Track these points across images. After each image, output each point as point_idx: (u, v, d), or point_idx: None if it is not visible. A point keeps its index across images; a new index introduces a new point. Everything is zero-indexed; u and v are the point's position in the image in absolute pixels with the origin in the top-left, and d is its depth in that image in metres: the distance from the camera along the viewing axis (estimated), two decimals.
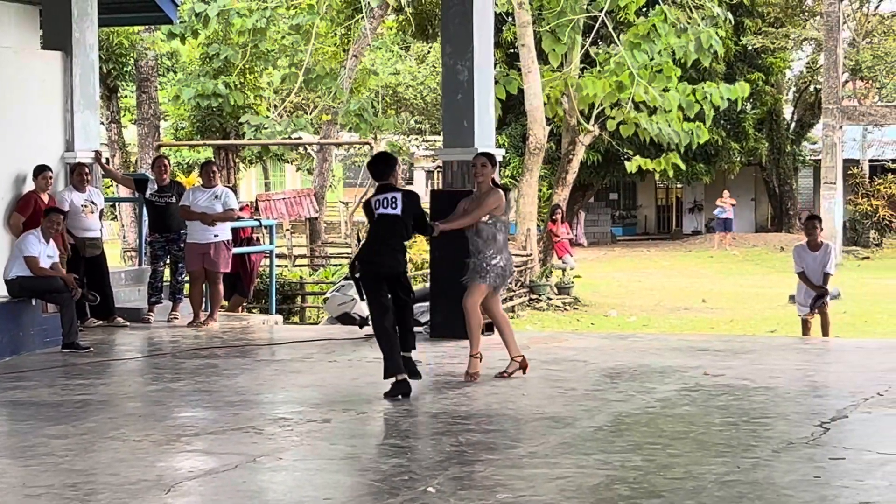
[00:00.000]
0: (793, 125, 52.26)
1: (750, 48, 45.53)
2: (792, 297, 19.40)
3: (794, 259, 16.01)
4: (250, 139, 29.69)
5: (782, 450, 8.30)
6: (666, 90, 26.23)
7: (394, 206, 10.69)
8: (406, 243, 11.34)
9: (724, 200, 45.78)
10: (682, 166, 30.08)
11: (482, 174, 11.22)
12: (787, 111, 52.63)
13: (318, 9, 26.13)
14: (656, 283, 33.43)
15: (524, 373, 11.34)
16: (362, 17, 29.11)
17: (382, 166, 10.94)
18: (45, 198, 14.62)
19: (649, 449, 8.38)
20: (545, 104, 29.26)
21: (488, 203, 11.12)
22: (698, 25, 26.34)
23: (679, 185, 51.56)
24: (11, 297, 13.18)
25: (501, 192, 11.34)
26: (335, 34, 31.82)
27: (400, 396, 10.39)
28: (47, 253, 13.36)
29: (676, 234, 52.18)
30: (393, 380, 10.46)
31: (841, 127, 39.71)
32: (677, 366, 11.92)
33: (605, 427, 9.17)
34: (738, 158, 46.25)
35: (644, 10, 28.10)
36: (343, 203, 48.23)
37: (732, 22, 30.18)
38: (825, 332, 15.76)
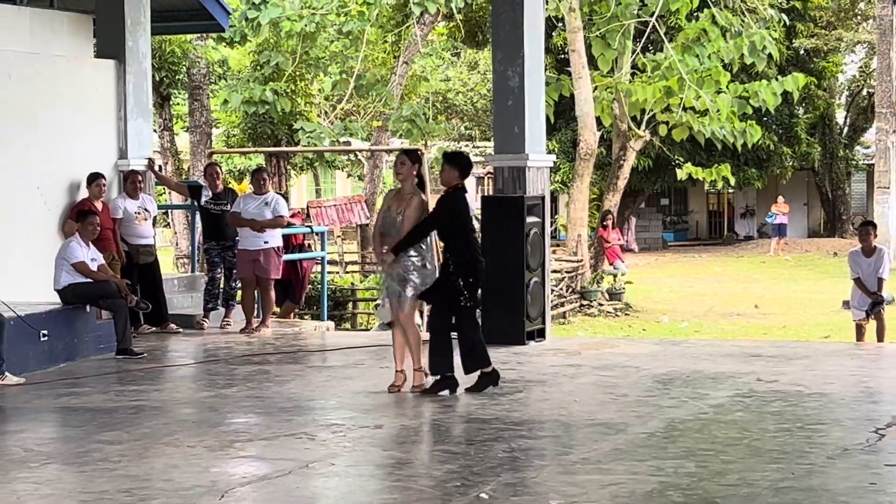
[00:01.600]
0: (845, 129, 51.94)
1: (802, 52, 45.27)
2: (846, 303, 19.26)
3: (849, 265, 15.90)
4: (305, 145, 29.77)
5: (837, 456, 8.24)
6: (719, 92, 26.12)
7: None
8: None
9: (779, 206, 45.54)
10: (732, 180, 29.97)
11: (402, 172, 10.85)
12: (840, 115, 52.32)
13: (369, 15, 26.18)
14: (708, 289, 33.28)
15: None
16: (412, 24, 29.15)
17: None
18: (99, 205, 14.71)
19: (703, 455, 8.34)
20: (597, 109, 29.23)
21: (414, 212, 10.77)
22: (751, 28, 26.21)
23: (731, 191, 51.34)
24: (65, 304, 13.26)
25: (422, 196, 10.91)
26: (385, 41, 31.89)
27: (447, 392, 10.64)
28: (91, 256, 13.42)
29: (728, 239, 51.94)
30: (439, 377, 10.73)
31: (894, 131, 39.40)
32: (730, 372, 11.87)
33: (658, 433, 9.13)
34: (791, 163, 46.01)
35: (695, 14, 28.02)
36: None
37: (787, 23, 30.00)
38: (880, 338, 15.64)
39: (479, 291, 11.13)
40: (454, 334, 10.83)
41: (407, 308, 10.84)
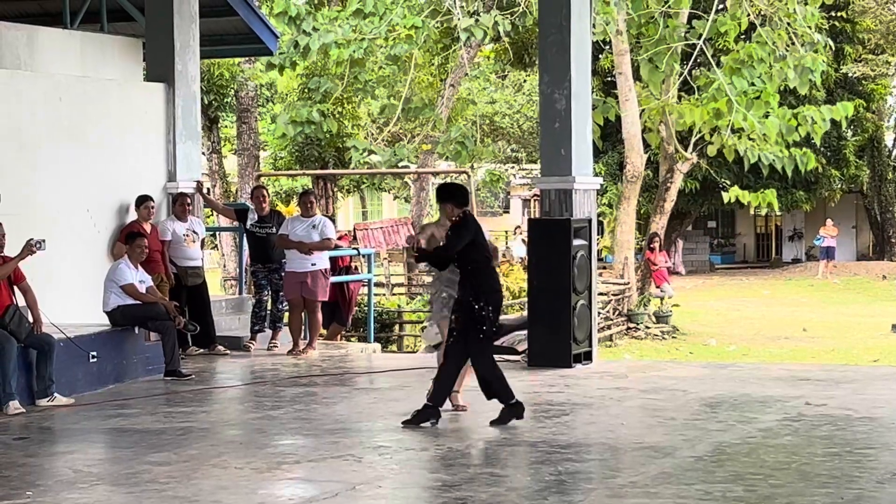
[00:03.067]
0: (894, 152, 51.66)
1: (850, 75, 45.09)
2: (895, 326, 19.15)
3: None
4: (357, 165, 29.83)
5: (887, 481, 8.19)
6: (766, 116, 26.01)
7: None
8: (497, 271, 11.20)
9: (827, 229, 45.29)
10: (776, 206, 29.80)
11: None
12: (889, 138, 52.04)
13: (417, 39, 26.25)
14: (756, 312, 33.12)
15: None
16: (459, 47, 29.21)
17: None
18: (148, 227, 14.80)
19: (751, 479, 8.30)
20: (644, 131, 29.16)
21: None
22: (798, 52, 26.09)
23: (779, 213, 51.10)
24: (114, 326, 13.34)
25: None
26: (432, 64, 31.95)
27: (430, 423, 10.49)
28: (139, 278, 13.50)
29: (776, 262, 51.67)
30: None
31: None
32: (778, 395, 11.80)
33: (706, 457, 9.09)
34: (839, 186, 45.78)
35: (743, 36, 27.94)
36: None
37: (833, 48, 29.89)
38: None
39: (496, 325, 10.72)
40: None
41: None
